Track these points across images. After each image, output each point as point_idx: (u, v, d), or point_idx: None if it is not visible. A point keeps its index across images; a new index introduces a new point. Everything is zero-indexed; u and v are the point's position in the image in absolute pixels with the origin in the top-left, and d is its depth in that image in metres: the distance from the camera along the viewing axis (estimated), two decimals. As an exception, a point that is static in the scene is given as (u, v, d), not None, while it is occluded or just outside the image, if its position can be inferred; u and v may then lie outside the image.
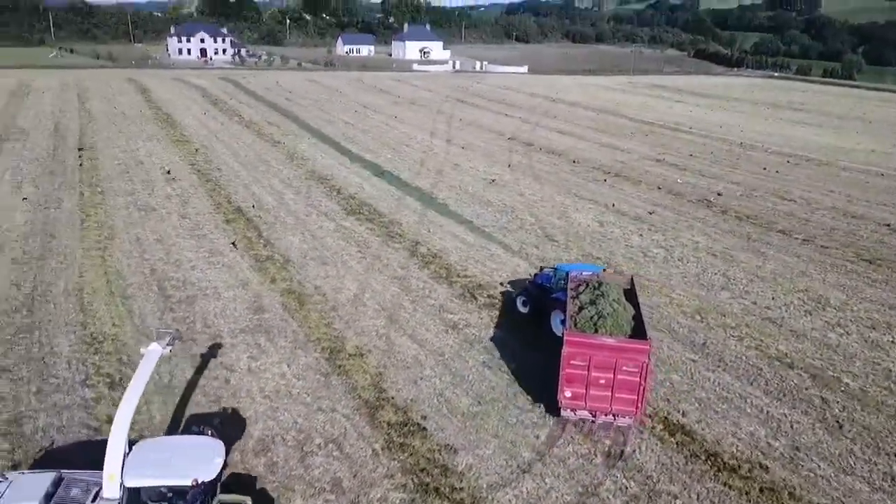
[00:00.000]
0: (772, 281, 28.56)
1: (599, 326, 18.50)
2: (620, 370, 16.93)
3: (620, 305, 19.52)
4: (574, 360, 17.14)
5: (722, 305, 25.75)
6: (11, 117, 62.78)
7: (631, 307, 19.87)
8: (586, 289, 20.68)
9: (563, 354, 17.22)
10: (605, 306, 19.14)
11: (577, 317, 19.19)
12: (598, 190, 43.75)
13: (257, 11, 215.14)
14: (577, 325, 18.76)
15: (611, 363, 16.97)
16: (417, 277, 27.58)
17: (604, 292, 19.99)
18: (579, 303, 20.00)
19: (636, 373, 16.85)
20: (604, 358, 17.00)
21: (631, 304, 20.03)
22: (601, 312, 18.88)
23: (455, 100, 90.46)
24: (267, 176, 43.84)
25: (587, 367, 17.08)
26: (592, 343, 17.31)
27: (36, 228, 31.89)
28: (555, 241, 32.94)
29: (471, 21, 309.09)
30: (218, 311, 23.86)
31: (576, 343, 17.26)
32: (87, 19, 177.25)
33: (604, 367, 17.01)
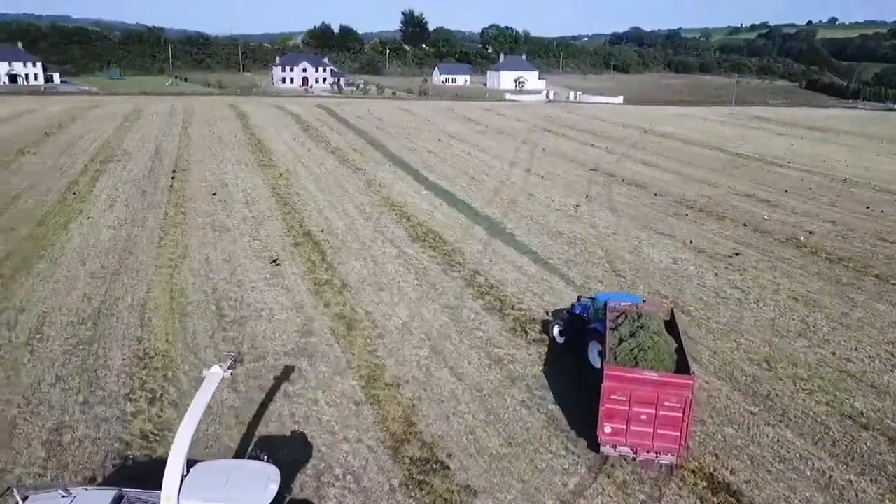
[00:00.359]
0: (858, 330, 26.07)
1: (640, 360, 17.74)
2: (662, 405, 16.34)
3: (661, 338, 18.70)
4: (614, 395, 16.57)
5: (795, 354, 23.66)
6: (120, 140, 67.42)
7: (672, 340, 18.97)
8: (625, 320, 19.91)
9: (604, 389, 16.63)
10: (646, 339, 18.37)
11: (617, 349, 18.49)
12: (677, 225, 41.80)
13: (359, 42, 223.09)
14: (617, 358, 18.10)
15: (653, 398, 16.38)
16: (470, 308, 27.01)
17: (644, 324, 19.22)
18: (619, 335, 19.22)
19: (679, 408, 16.24)
20: (645, 393, 16.41)
21: (672, 337, 19.15)
22: (642, 345, 18.17)
23: (542, 129, 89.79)
24: (342, 201, 44.67)
25: (628, 402, 16.53)
26: (634, 377, 16.65)
27: (118, 245, 33.68)
28: (621, 277, 31.55)
29: (569, 51, 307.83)
30: (267, 332, 24.16)
31: (616, 377, 16.65)
32: (203, 50, 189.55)
33: (645, 403, 16.45)
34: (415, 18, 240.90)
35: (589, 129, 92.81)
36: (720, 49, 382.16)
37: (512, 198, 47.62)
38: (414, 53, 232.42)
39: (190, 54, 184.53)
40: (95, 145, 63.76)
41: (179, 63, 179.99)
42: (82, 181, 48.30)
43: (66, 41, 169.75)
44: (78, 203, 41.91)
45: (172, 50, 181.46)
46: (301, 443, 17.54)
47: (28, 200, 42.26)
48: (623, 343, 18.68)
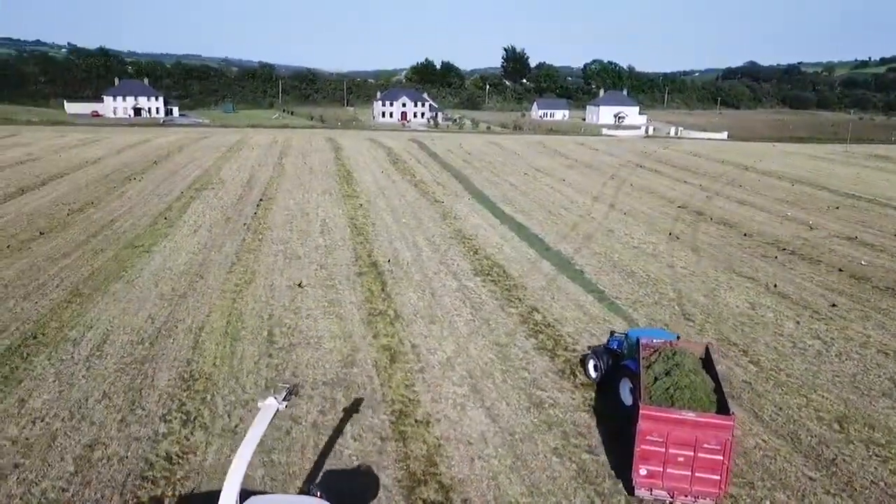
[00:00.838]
0: (956, 393, 23.12)
1: (676, 399, 17.12)
2: (701, 447, 15.78)
3: (698, 377, 17.89)
4: (650, 436, 16.02)
5: (874, 416, 21.20)
6: (218, 169, 71.22)
7: (710, 379, 18.18)
8: (658, 358, 19.16)
9: (639, 430, 16.09)
10: (682, 377, 17.70)
11: (652, 388, 17.82)
12: (764, 268, 39.09)
13: (460, 78, 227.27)
14: (652, 397, 17.44)
15: (691, 440, 15.82)
16: (520, 346, 26.10)
17: (679, 362, 18.61)
18: (653, 373, 18.50)
19: (718, 450, 15.70)
20: (683, 434, 15.86)
21: (710, 376, 18.42)
22: (678, 384, 17.50)
23: (634, 165, 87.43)
24: (415, 232, 44.87)
25: (664, 444, 15.96)
26: (670, 418, 16.05)
27: (192, 269, 35.15)
28: (690, 321, 29.66)
29: (676, 86, 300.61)
30: (312, 360, 24.24)
31: (653, 417, 16.06)
32: (311, 86, 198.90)
33: (683, 444, 15.87)
34: (516, 54, 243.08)
35: (684, 165, 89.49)
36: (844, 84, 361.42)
37: (588, 233, 46.26)
38: (514, 89, 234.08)
39: (298, 89, 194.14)
40: (195, 173, 67.63)
41: (288, 97, 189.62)
42: (175, 207, 51.14)
43: (187, 77, 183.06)
44: (166, 228, 44.27)
45: (282, 85, 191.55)
46: (315, 476, 17.25)
47: (124, 224, 45.08)
48: (658, 381, 18.04)
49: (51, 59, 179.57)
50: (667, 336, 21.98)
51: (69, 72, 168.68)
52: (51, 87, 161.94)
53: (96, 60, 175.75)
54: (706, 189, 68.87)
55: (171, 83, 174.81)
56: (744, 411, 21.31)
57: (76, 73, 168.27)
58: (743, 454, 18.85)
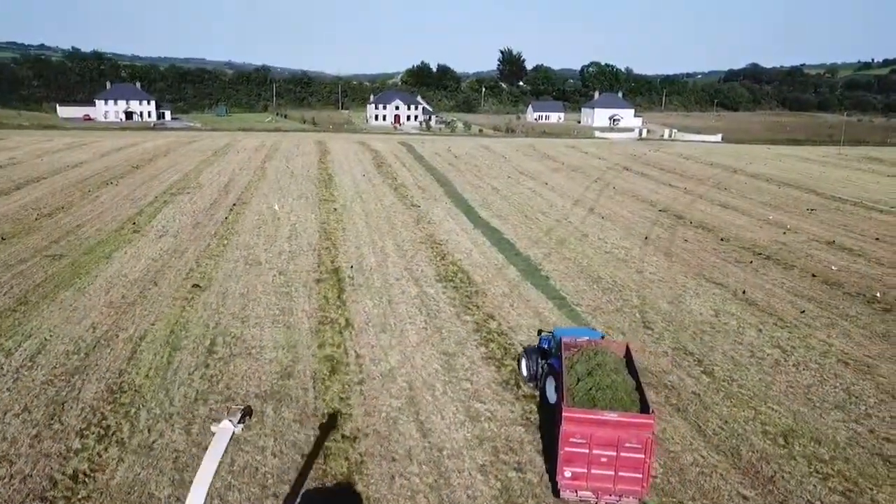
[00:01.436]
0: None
1: (598, 400, 17.34)
2: (623, 447, 15.95)
3: (619, 376, 18.22)
4: (574, 438, 16.12)
5: (822, 429, 20.42)
6: (199, 173, 70.63)
7: (631, 379, 18.47)
8: (581, 357, 19.42)
9: (562, 432, 16.20)
10: (603, 377, 17.97)
11: (574, 389, 18.01)
12: (735, 273, 38.31)
13: (456, 81, 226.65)
14: (575, 398, 17.60)
15: (613, 440, 15.97)
16: (469, 356, 25.36)
17: (601, 362, 18.86)
18: (576, 373, 18.67)
19: (640, 449, 15.89)
20: (606, 434, 16.01)
21: (631, 375, 18.77)
22: (599, 384, 17.77)
23: (622, 168, 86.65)
24: (385, 237, 44.16)
25: (588, 445, 16.09)
26: (593, 419, 16.18)
27: (148, 275, 34.48)
28: (649, 329, 28.89)
29: (674, 89, 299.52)
30: (249, 372, 23.54)
31: (575, 420, 16.16)
32: (305, 89, 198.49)
33: (606, 445, 16.03)
34: (512, 56, 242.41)
35: (672, 168, 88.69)
36: (846, 85, 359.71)
37: (562, 238, 45.51)
38: (510, 91, 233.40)
39: (293, 93, 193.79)
40: (174, 178, 67.02)
41: (283, 101, 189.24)
42: (147, 211, 50.51)
43: (181, 81, 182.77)
44: (132, 233, 43.63)
45: (277, 89, 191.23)
46: (223, 495, 16.53)
47: (89, 229, 44.44)
48: (580, 382, 18.17)
49: (45, 62, 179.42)
50: (591, 335, 22.19)
51: (63, 75, 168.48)
52: (44, 91, 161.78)
53: (90, 64, 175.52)
54: (690, 192, 68.08)
55: (164, 87, 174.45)
56: (687, 425, 20.58)
57: (70, 76, 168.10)
58: (679, 471, 18.12)
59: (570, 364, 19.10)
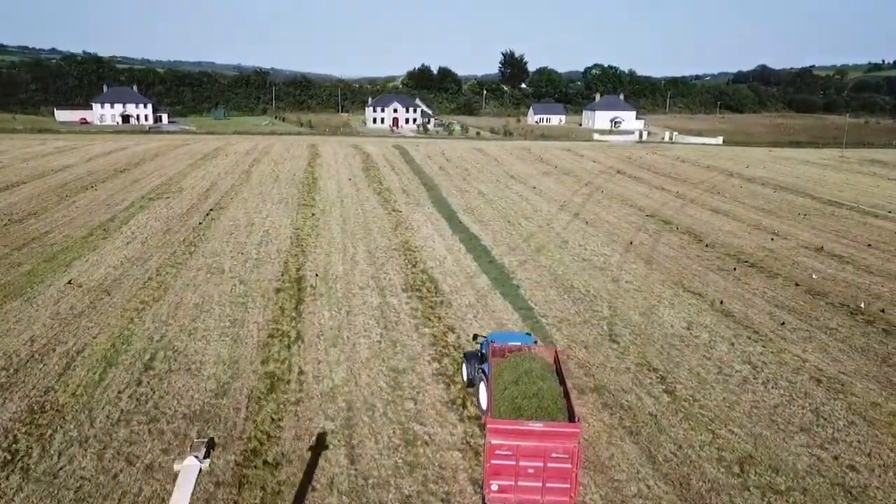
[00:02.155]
0: (884, 428, 20.92)
1: (523, 409, 16.91)
2: (550, 457, 15.60)
3: (546, 383, 17.79)
4: (500, 451, 15.68)
5: (783, 456, 19.04)
6: (183, 177, 69.66)
7: (558, 386, 18.06)
8: (509, 364, 19.07)
9: (487, 445, 15.80)
10: (529, 386, 17.58)
11: (500, 398, 17.54)
12: (716, 282, 36.90)
13: (457, 83, 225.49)
14: (501, 408, 17.16)
15: (540, 451, 15.60)
16: (419, 373, 24.09)
17: (528, 369, 18.39)
18: (503, 382, 18.15)
19: (567, 459, 15.55)
20: (532, 445, 15.61)
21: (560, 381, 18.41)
22: (524, 393, 17.37)
23: (615, 171, 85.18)
24: (358, 244, 42.97)
25: (514, 457, 15.67)
26: (519, 430, 15.74)
27: (104, 284, 33.38)
28: (615, 343, 27.55)
29: (678, 91, 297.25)
30: (182, 390, 22.35)
31: (501, 431, 15.74)
32: (305, 91, 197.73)
33: (532, 456, 15.65)
34: (514, 59, 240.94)
35: (667, 171, 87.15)
36: (855, 87, 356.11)
37: (541, 245, 44.17)
38: (511, 94, 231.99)
39: (293, 95, 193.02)
40: (157, 182, 66.07)
41: (282, 104, 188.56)
42: (120, 217, 49.50)
43: (180, 84, 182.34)
44: (99, 240, 42.59)
45: (276, 91, 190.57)
46: (123, 531, 15.33)
47: (57, 236, 43.43)
48: (507, 391, 17.71)
49: (43, 66, 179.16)
50: (524, 340, 22.05)
51: (61, 79, 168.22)
52: (42, 95, 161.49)
53: (88, 67, 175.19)
54: (682, 196, 66.60)
55: (163, 90, 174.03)
56: (638, 450, 19.24)
57: (68, 80, 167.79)
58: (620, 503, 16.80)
59: (499, 371, 18.78)
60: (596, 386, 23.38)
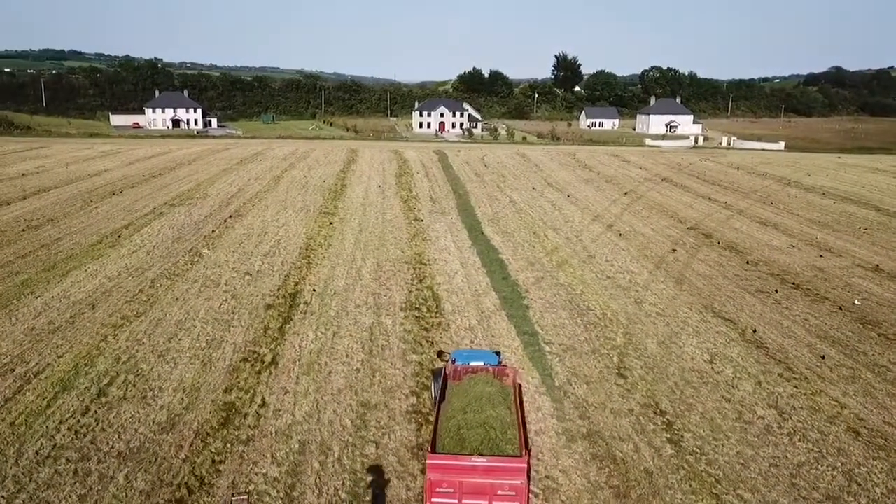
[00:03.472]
0: (932, 500, 17.30)
1: (468, 442, 15.62)
2: (496, 495, 14.49)
3: (496, 410, 16.56)
4: (440, 488, 14.60)
5: (798, 536, 15.75)
6: (212, 182, 69.09)
7: (510, 413, 16.76)
8: (460, 389, 17.88)
9: (427, 481, 14.73)
10: (476, 414, 16.40)
11: (443, 429, 16.34)
12: (752, 306, 33.18)
13: (509, 86, 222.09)
14: (444, 441, 15.90)
15: (485, 487, 14.49)
16: (391, 410, 21.57)
17: (479, 395, 17.22)
18: (451, 409, 17.00)
19: (514, 497, 14.47)
20: (475, 482, 14.49)
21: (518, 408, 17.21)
22: (469, 423, 16.14)
23: (661, 179, 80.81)
24: (368, 256, 40.81)
25: (457, 495, 14.55)
26: (460, 466, 14.65)
27: (92, 297, 32.07)
28: (622, 378, 24.44)
29: (740, 93, 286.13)
30: (128, 422, 20.44)
31: (441, 467, 14.67)
32: (354, 96, 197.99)
33: (477, 493, 14.54)
34: (567, 61, 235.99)
35: (717, 179, 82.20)
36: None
37: (563, 259, 41.08)
38: (564, 97, 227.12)
39: (342, 100, 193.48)
40: (185, 187, 65.58)
41: (331, 108, 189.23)
42: (136, 224, 48.71)
43: (231, 89, 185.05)
44: (107, 248, 41.67)
45: (326, 96, 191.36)
46: None
47: (67, 243, 42.73)
48: (452, 420, 16.53)
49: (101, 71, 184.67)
50: (487, 358, 20.51)
51: (117, 84, 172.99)
52: (99, 100, 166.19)
53: (143, 72, 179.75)
54: (730, 207, 62.11)
55: (215, 95, 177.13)
56: (623, 519, 16.26)
57: (124, 85, 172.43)
58: (587, 591, 13.90)
59: (451, 396, 17.49)
60: (589, 431, 20.42)
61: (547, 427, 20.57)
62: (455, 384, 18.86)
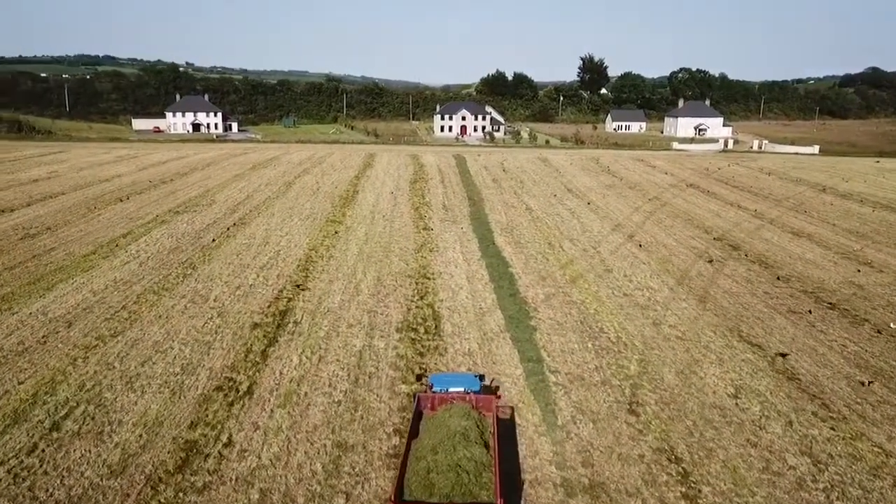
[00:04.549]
0: None
1: (437, 488, 14.28)
2: None
3: (470, 450, 15.18)
4: None
5: None
6: (221, 189, 67.49)
7: (485, 452, 15.38)
8: (432, 424, 16.44)
9: None
10: (447, 455, 14.95)
11: (411, 472, 15.09)
12: (783, 329, 30.23)
13: (533, 89, 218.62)
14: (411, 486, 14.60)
15: None
16: (369, 452, 19.17)
17: (452, 432, 15.70)
18: (421, 448, 15.62)
19: None
20: None
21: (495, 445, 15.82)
22: (439, 466, 14.79)
23: (687, 185, 77.38)
24: (370, 269, 38.54)
25: None
26: None
27: (72, 313, 30.29)
28: (634, 415, 21.79)
29: (772, 95, 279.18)
30: (76, 464, 18.39)
31: None
32: (377, 99, 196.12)
33: None
34: (593, 63, 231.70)
35: (747, 185, 78.50)
36: None
37: (578, 274, 38.38)
38: (590, 100, 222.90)
39: (364, 103, 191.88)
40: (192, 194, 64.05)
41: (353, 111, 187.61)
42: (136, 232, 47.08)
43: (253, 93, 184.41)
44: (100, 259, 39.99)
45: (348, 99, 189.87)
46: None
47: (61, 253, 41.18)
48: (421, 461, 15.17)
49: (123, 75, 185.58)
50: (467, 383, 18.93)
51: (140, 88, 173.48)
52: (122, 104, 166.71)
53: (166, 77, 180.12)
54: (760, 216, 58.70)
55: (237, 99, 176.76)
56: None
57: (146, 89, 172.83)
58: None
59: (423, 430, 16.36)
60: (592, 483, 17.85)
61: (544, 476, 18.03)
62: (429, 416, 17.47)
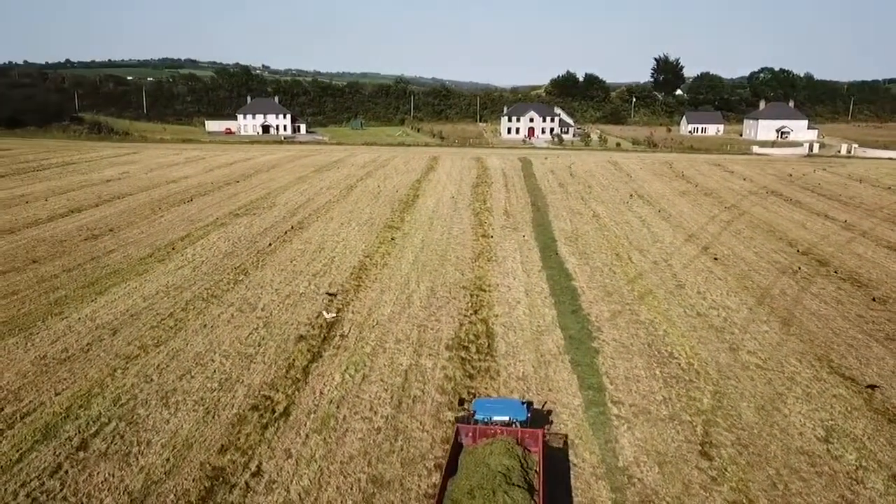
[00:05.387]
0: None
1: None
2: None
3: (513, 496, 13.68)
4: None
5: None
6: (283, 191, 67.40)
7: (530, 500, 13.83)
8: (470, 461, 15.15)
9: None
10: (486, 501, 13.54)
11: None
12: (881, 359, 26.85)
13: (605, 90, 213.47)
14: None
15: None
16: (406, 489, 17.40)
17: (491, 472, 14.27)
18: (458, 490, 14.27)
19: None
20: None
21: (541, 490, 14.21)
22: None
23: (768, 192, 72.62)
24: (424, 278, 36.92)
25: None
26: None
27: (115, 322, 29.75)
28: (706, 458, 19.24)
29: (863, 96, 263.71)
30: (95, 489, 17.44)
31: None
32: (444, 101, 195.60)
33: None
34: (668, 64, 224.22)
35: (835, 193, 73.06)
36: None
37: (647, 290, 35.66)
38: (664, 101, 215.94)
39: (432, 105, 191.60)
40: (254, 196, 64.10)
41: (420, 113, 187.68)
42: (195, 235, 47.00)
43: (322, 95, 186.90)
44: (156, 262, 39.82)
45: (415, 101, 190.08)
46: None
47: (118, 256, 41.29)
48: None
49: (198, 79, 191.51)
50: (512, 411, 17.60)
51: (213, 91, 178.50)
52: (196, 106, 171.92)
53: (239, 79, 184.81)
54: (851, 227, 54.04)
55: (306, 101, 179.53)
56: None
57: (220, 92, 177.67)
58: None
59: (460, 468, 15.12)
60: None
61: (603, 528, 15.83)
62: (470, 450, 16.02)
